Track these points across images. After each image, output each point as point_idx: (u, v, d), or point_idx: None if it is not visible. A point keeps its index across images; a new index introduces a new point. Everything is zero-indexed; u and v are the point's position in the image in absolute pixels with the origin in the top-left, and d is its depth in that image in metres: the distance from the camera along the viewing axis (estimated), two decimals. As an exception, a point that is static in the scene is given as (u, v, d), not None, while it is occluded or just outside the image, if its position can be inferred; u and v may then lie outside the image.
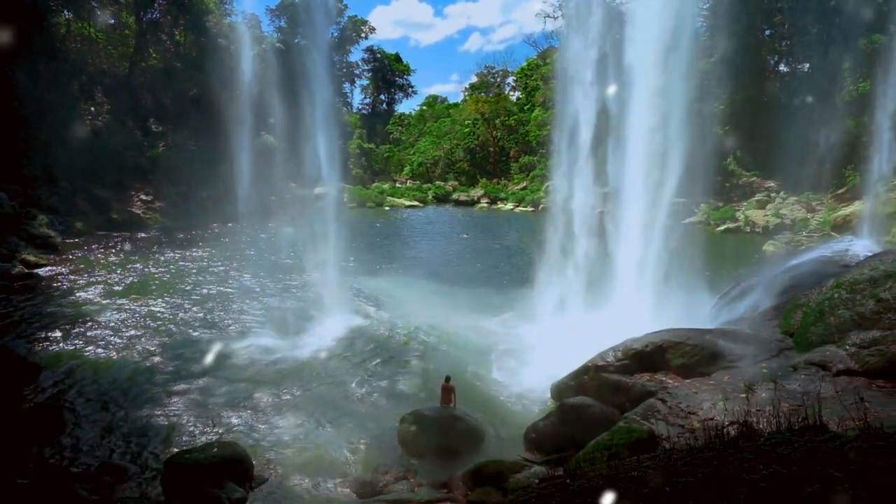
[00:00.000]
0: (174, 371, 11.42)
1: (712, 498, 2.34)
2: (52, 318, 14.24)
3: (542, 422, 8.52)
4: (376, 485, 7.48)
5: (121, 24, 39.19)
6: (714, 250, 26.45)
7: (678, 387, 8.00)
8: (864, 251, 11.42)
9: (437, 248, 30.15)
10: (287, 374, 11.40)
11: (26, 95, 28.04)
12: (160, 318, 14.85)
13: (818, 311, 8.30)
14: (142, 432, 8.91)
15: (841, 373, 7.06)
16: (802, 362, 7.49)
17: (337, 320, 14.59)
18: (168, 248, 24.98)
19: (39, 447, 8.29)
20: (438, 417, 8.69)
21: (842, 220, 28.70)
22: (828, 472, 2.33)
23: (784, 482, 2.33)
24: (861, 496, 2.09)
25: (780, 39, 40.98)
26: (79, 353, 12.08)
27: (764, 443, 3.00)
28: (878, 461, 2.37)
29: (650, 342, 9.08)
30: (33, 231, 22.96)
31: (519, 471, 6.96)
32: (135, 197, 33.93)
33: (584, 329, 12.27)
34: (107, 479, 7.47)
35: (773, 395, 6.35)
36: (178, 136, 38.07)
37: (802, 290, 9.52)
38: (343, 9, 65.19)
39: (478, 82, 77.27)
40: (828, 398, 6.04)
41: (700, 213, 35.44)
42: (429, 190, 57.57)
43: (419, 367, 12.05)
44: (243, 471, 7.45)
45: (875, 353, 6.94)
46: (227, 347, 12.92)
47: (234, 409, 9.70)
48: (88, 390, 10.28)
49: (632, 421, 7.04)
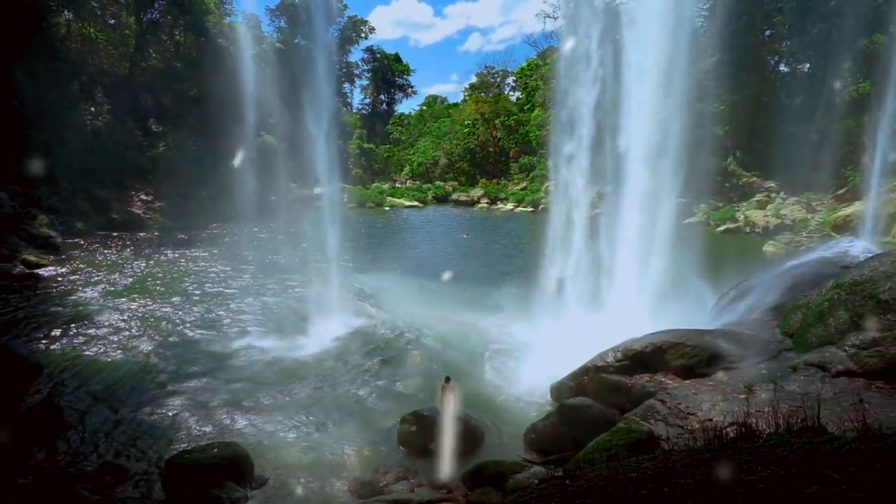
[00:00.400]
0: (174, 371, 11.44)
1: (711, 500, 2.35)
2: (53, 317, 14.25)
3: (541, 422, 8.53)
4: (376, 485, 7.49)
5: (121, 24, 39.21)
6: (714, 251, 26.45)
7: (678, 387, 8.01)
8: (863, 253, 11.44)
9: (437, 248, 30.15)
10: (286, 374, 11.42)
11: (26, 95, 28.06)
12: (160, 318, 14.87)
13: (818, 312, 8.32)
14: (142, 432, 8.92)
15: (840, 374, 7.07)
16: (802, 363, 7.50)
17: (337, 320, 14.60)
18: (168, 248, 24.99)
19: (40, 447, 8.30)
20: (438, 418, 8.69)
21: (842, 221, 28.71)
22: (826, 473, 2.34)
23: (782, 484, 2.34)
24: (859, 498, 2.10)
25: (780, 40, 40.97)
26: (80, 352, 12.09)
27: (762, 444, 3.01)
28: (876, 463, 2.38)
29: (650, 343, 9.09)
30: (34, 231, 22.97)
31: (518, 471, 6.97)
32: (135, 197, 33.95)
33: (583, 330, 12.29)
34: (107, 478, 7.48)
35: (773, 396, 6.36)
36: (178, 136, 38.09)
37: (802, 291, 9.53)
38: (343, 9, 65.20)
39: (477, 82, 77.30)
40: (827, 399, 6.04)
41: (700, 214, 35.46)
42: (428, 190, 57.58)
43: (419, 368, 12.06)
44: (243, 471, 7.47)
45: (874, 355, 6.95)
46: (227, 348, 12.94)
47: (233, 409, 9.71)
48: (89, 390, 10.29)
49: (631, 422, 7.05)
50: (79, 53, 35.23)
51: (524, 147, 60.79)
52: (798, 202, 33.15)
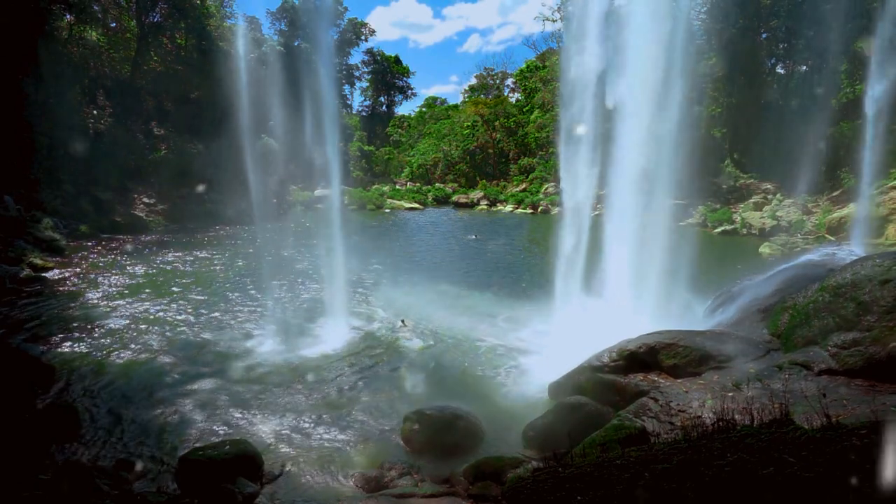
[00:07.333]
0: (183, 371, 11.77)
1: (683, 480, 2.70)
2: (62, 320, 14.59)
3: (539, 420, 8.86)
4: (381, 480, 7.82)
5: (122, 28, 39.53)
6: (710, 252, 26.86)
7: (670, 386, 8.36)
8: (848, 256, 11.81)
9: (437, 249, 30.48)
10: (293, 374, 11.75)
11: (29, 99, 28.39)
12: (167, 319, 15.20)
13: (804, 313, 8.68)
14: (154, 430, 9.25)
15: (823, 372, 7.42)
16: (787, 362, 7.85)
17: (341, 321, 14.94)
18: (171, 251, 25.32)
19: (57, 445, 8.63)
20: (440, 416, 9.03)
21: (836, 223, 29.11)
22: (784, 458, 2.69)
23: (745, 467, 2.69)
24: (807, 476, 2.45)
25: (776, 42, 41.39)
26: (90, 354, 12.42)
27: (734, 435, 3.35)
28: (827, 448, 2.73)
29: (643, 343, 9.43)
30: (38, 234, 23.28)
31: (517, 466, 7.31)
32: (137, 200, 34.29)
33: (581, 330, 12.62)
34: (123, 474, 7.81)
35: (758, 394, 6.71)
36: (180, 139, 38.44)
37: (790, 293, 9.89)
38: (343, 11, 65.57)
39: (477, 84, 77.71)
40: (809, 396, 6.40)
41: (697, 216, 35.86)
42: (429, 192, 57.97)
43: (421, 367, 12.41)
44: (254, 467, 7.80)
45: (854, 354, 7.31)
46: (234, 348, 13.29)
47: (242, 408, 10.04)
48: (101, 390, 10.63)
49: (624, 418, 7.39)
50: (80, 57, 35.53)
51: (523, 149, 61.16)
52: (794, 204, 33.56)
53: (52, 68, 30.46)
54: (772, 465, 2.61)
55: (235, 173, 32.50)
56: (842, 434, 2.93)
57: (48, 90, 30.17)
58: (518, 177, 58.22)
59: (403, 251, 29.35)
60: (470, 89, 77.80)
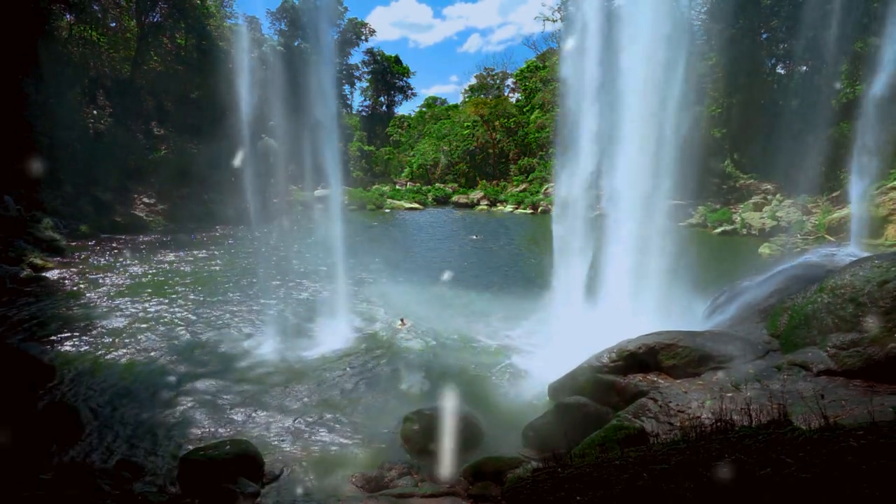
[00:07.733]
0: (183, 372, 11.79)
1: (681, 480, 2.72)
2: (62, 320, 14.61)
3: (539, 420, 8.88)
4: (381, 480, 7.84)
5: (122, 28, 39.54)
6: (710, 253, 26.88)
7: (669, 386, 8.38)
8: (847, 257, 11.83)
9: (437, 249, 30.50)
10: (293, 374, 11.78)
11: (29, 99, 28.42)
12: (167, 319, 15.22)
13: (803, 314, 8.70)
14: (155, 431, 9.27)
15: (821, 373, 7.44)
16: (786, 363, 7.88)
17: (341, 322, 14.96)
18: (171, 251, 25.34)
19: (58, 445, 8.65)
20: (440, 416, 9.05)
21: (836, 223, 29.13)
22: (781, 458, 2.71)
23: (742, 467, 2.71)
24: (804, 477, 2.47)
25: (776, 42, 41.38)
26: (90, 354, 12.45)
27: (732, 436, 3.37)
28: (824, 449, 2.75)
29: (643, 344, 9.45)
30: (39, 234, 23.32)
31: (517, 466, 7.33)
32: (137, 200, 34.31)
33: (580, 330, 12.64)
34: (125, 474, 7.83)
35: (756, 394, 6.73)
36: (180, 139, 38.47)
37: (789, 294, 9.92)
38: (343, 11, 65.59)
39: (477, 84, 77.73)
40: (808, 397, 6.43)
41: (697, 216, 35.88)
42: (429, 192, 57.99)
43: (421, 367, 12.43)
44: (255, 467, 7.82)
45: (853, 355, 7.33)
46: (234, 349, 13.31)
47: (243, 408, 10.07)
48: (101, 390, 10.65)
49: (623, 419, 7.41)
50: (81, 57, 35.56)
51: (523, 149, 61.18)
52: (794, 204, 33.57)
53: (52, 68, 30.50)
54: (769, 466, 2.63)
55: (235, 173, 32.61)
56: (839, 435, 2.95)
57: (48, 90, 30.21)
58: (518, 177, 58.25)
59: (403, 251, 29.36)
60: (470, 89, 77.88)
